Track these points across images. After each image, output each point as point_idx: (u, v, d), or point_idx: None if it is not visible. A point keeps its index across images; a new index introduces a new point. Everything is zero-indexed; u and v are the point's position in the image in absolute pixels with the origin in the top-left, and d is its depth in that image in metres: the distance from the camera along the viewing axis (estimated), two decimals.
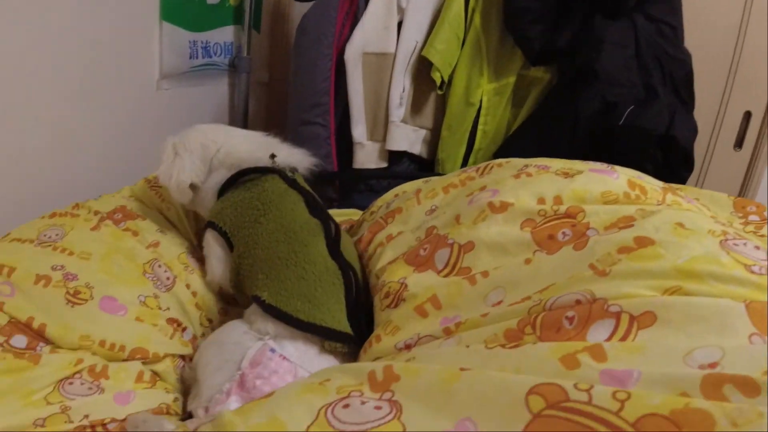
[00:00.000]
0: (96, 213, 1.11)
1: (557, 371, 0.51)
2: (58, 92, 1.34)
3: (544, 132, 1.51)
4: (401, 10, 1.61)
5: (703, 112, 1.59)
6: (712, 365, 0.48)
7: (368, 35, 1.61)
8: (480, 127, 1.62)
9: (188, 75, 1.81)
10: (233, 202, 1.03)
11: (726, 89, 1.68)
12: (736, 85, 1.66)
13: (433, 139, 1.70)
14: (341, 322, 0.85)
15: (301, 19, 1.68)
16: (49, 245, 0.98)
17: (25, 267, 0.91)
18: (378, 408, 0.55)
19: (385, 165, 1.71)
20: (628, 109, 1.41)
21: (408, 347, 0.71)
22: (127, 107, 1.59)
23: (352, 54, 1.60)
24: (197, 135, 1.13)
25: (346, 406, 0.56)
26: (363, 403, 0.56)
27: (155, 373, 0.90)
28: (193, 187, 1.09)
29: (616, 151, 1.40)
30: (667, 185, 0.87)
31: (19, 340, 0.82)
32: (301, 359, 0.81)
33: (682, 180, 1.46)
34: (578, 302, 0.60)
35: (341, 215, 1.38)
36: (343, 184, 1.74)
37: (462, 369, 0.54)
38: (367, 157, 1.69)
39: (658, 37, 1.52)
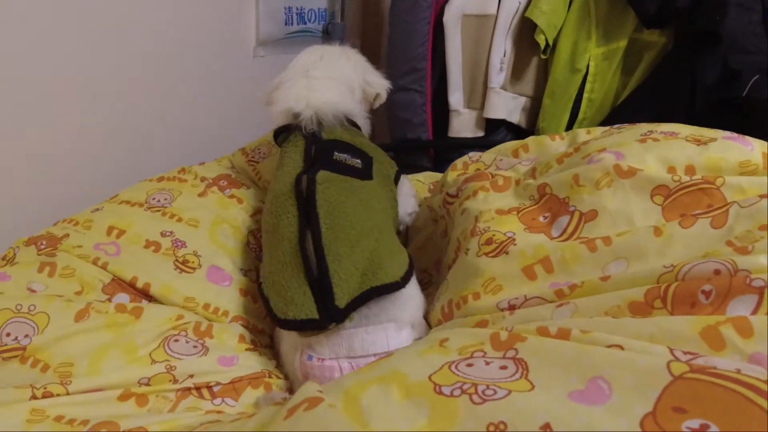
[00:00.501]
0: (202, 179, 1.13)
1: (700, 350, 0.45)
2: (159, 59, 1.38)
3: (657, 102, 1.42)
4: None
5: None
6: None
7: None
8: (586, 95, 1.54)
9: (283, 42, 1.83)
10: None
11: None
12: None
13: (534, 108, 1.64)
14: (303, 307, 0.74)
15: None
16: (158, 210, 1.00)
17: (135, 230, 0.94)
18: (503, 368, 0.51)
19: (481, 134, 1.67)
20: (753, 79, 1.30)
21: (512, 308, 0.67)
22: (224, 74, 1.63)
23: (452, 16, 1.56)
24: (305, 60, 1.05)
25: (470, 365, 0.53)
26: (487, 363, 0.53)
27: (255, 339, 0.89)
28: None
29: (738, 124, 1.30)
30: None
31: (122, 298, 0.84)
32: (333, 351, 0.75)
33: None
34: (717, 272, 0.54)
35: (434, 177, 1.34)
36: (437, 152, 1.71)
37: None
38: (463, 125, 1.65)
39: None
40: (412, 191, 1.12)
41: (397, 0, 1.64)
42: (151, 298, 0.86)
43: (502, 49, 1.56)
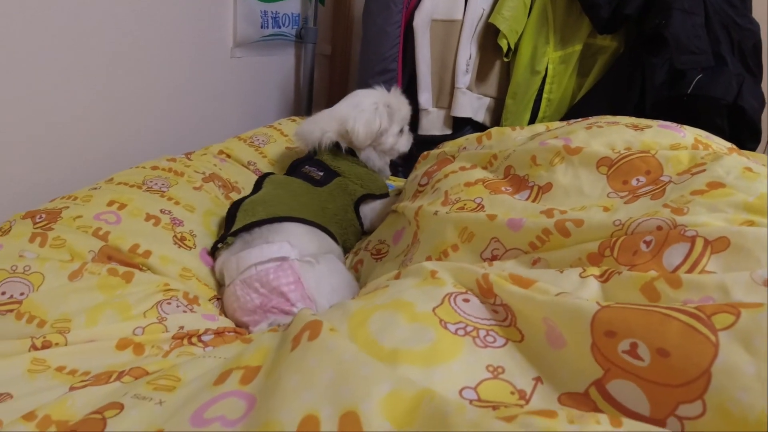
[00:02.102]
0: (195, 171, 1.20)
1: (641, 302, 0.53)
2: (145, 58, 1.43)
3: (610, 101, 1.51)
4: None
5: None
6: None
7: (437, 2, 1.64)
8: (545, 95, 1.63)
9: (259, 44, 1.89)
10: None
11: None
12: None
13: (497, 107, 1.73)
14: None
15: None
16: (156, 192, 1.05)
17: (136, 204, 0.97)
18: (495, 311, 0.58)
19: (449, 132, 1.75)
20: (697, 77, 1.40)
21: (494, 258, 0.75)
22: (204, 72, 1.68)
23: (421, 21, 1.64)
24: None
25: (467, 300, 0.60)
26: (482, 302, 0.60)
27: None
28: None
29: (684, 120, 1.39)
30: (733, 146, 0.87)
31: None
32: (230, 276, 0.95)
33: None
34: (659, 228, 0.62)
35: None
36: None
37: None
38: (431, 123, 1.73)
39: (727, 6, 1.51)
40: (374, 212, 1.27)
41: (370, 4, 1.71)
42: (141, 269, 0.88)
43: (468, 52, 1.64)
